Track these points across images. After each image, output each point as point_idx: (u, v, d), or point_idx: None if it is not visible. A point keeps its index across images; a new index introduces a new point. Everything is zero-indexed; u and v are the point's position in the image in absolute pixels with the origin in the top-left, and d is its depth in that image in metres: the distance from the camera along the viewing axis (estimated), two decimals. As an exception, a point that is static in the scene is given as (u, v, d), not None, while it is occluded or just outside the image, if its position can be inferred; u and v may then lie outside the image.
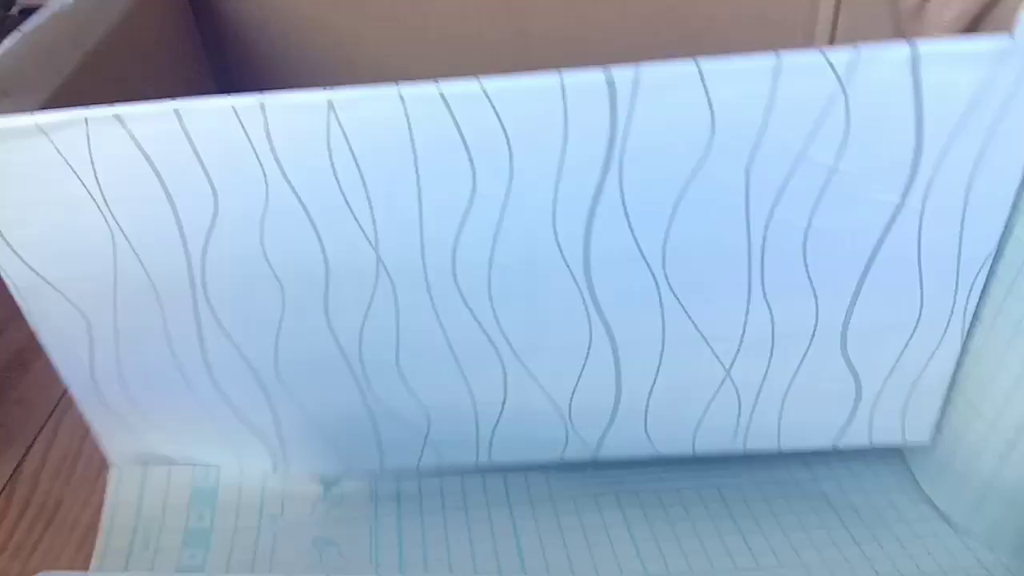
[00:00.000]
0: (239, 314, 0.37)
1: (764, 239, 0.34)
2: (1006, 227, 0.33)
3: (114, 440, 0.42)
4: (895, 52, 0.28)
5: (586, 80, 0.29)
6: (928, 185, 0.32)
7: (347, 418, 0.41)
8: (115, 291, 0.36)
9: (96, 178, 0.32)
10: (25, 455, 0.47)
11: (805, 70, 0.29)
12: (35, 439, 0.48)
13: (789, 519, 0.41)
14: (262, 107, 0.30)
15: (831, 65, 0.28)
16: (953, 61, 0.29)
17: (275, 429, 0.41)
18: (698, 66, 0.29)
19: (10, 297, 0.36)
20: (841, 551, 0.39)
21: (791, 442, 0.42)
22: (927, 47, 0.28)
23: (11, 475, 0.46)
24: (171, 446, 0.43)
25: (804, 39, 0.51)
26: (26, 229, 0.34)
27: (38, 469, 0.46)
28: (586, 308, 0.36)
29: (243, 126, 0.31)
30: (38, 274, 0.35)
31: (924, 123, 0.30)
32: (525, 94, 0.30)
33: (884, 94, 0.29)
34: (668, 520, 0.41)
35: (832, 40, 0.51)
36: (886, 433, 0.41)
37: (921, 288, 0.35)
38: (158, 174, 0.32)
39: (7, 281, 0.35)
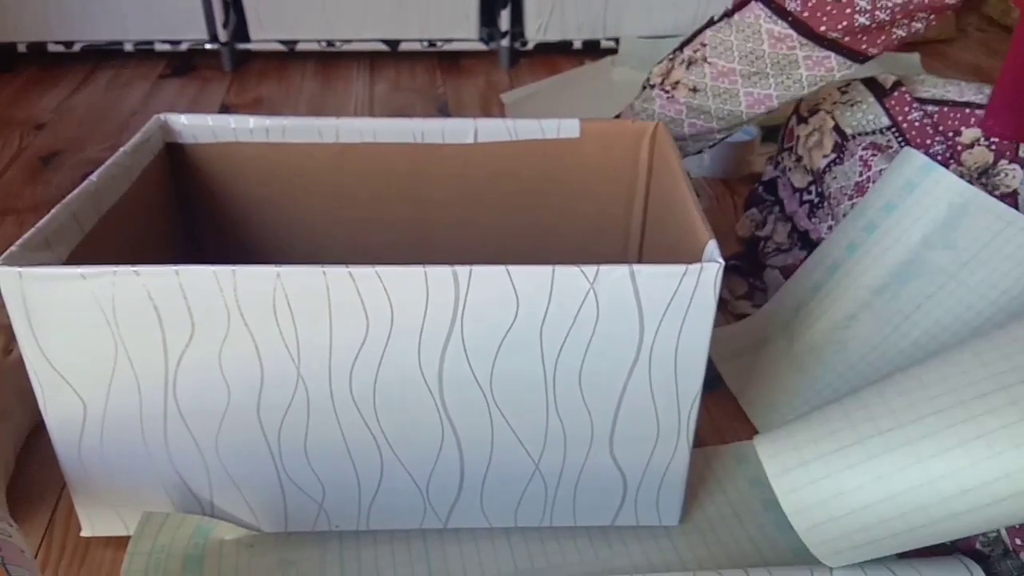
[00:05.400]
0: (196, 408, 0.52)
1: (555, 375, 0.52)
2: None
3: (87, 507, 0.57)
4: (620, 269, 0.48)
5: (440, 272, 0.48)
6: (651, 347, 0.51)
7: (263, 488, 0.56)
8: (110, 386, 0.51)
9: (114, 310, 0.48)
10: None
11: (569, 276, 0.48)
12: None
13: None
14: (233, 273, 0.48)
15: (584, 274, 0.48)
16: (657, 276, 0.48)
17: (209, 495, 0.56)
18: (507, 270, 0.48)
19: (32, 386, 0.51)
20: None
21: (583, 520, 0.59)
22: (639, 267, 0.48)
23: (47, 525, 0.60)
24: (130, 512, 0.57)
25: (621, 246, 0.72)
26: (55, 341, 0.49)
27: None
28: (440, 415, 0.53)
29: (219, 283, 0.48)
30: (57, 371, 0.50)
31: (643, 310, 0.49)
32: (403, 277, 0.48)
33: (617, 293, 0.49)
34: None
35: (640, 252, 0.72)
36: (647, 516, 0.59)
37: (656, 413, 0.54)
38: (157, 309, 0.49)
39: (32, 375, 0.51)
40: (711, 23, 0.74)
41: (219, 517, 0.57)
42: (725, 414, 0.71)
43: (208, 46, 1.55)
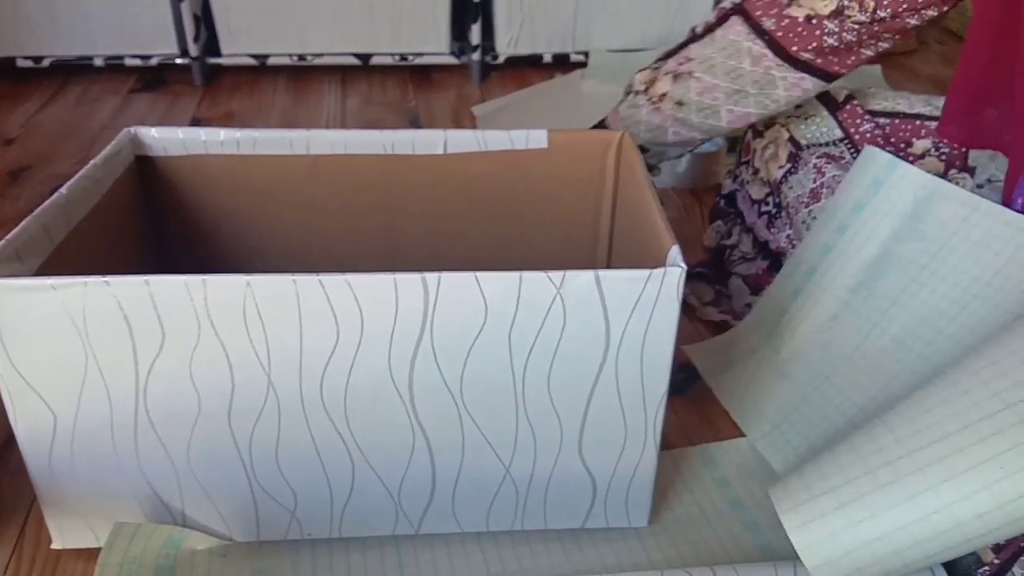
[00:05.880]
0: (166, 417, 0.53)
1: (523, 379, 0.53)
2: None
3: (57, 519, 0.56)
4: (586, 275, 0.49)
5: (409, 279, 0.49)
6: (617, 350, 0.52)
7: (235, 496, 0.56)
8: (80, 396, 0.51)
9: (84, 321, 0.49)
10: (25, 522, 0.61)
11: (536, 282, 0.49)
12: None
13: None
14: (203, 282, 0.48)
15: (551, 280, 0.49)
16: (621, 280, 0.50)
17: (181, 505, 0.56)
18: (475, 276, 0.49)
19: (1, 398, 0.51)
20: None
21: (554, 523, 0.60)
22: (604, 273, 0.49)
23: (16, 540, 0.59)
24: (100, 523, 0.57)
25: (590, 253, 0.74)
26: (25, 352, 0.49)
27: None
28: (410, 421, 0.54)
29: (189, 293, 0.48)
30: (27, 382, 0.50)
31: (609, 314, 0.51)
32: (373, 284, 0.49)
33: (583, 297, 0.50)
34: None
35: (608, 259, 0.73)
36: (617, 518, 0.60)
37: (624, 416, 0.55)
38: (127, 319, 0.49)
39: (2, 386, 0.51)
40: (695, 37, 0.76)
41: (191, 527, 0.58)
42: (692, 417, 0.72)
43: (179, 61, 1.55)
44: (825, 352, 0.67)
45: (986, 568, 0.51)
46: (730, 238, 0.90)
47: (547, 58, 1.63)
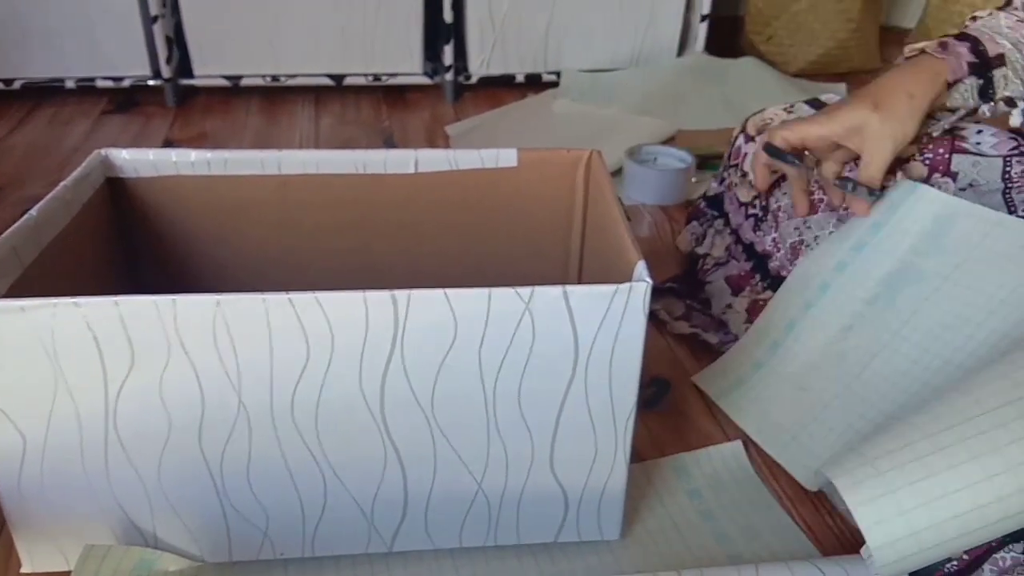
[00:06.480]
0: (136, 438, 0.53)
1: (494, 395, 0.54)
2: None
3: (27, 542, 0.56)
4: (554, 290, 0.50)
5: (379, 296, 0.49)
6: (586, 365, 0.53)
7: (206, 517, 0.56)
8: (50, 418, 0.51)
9: (54, 342, 0.49)
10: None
11: (505, 298, 0.50)
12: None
13: None
14: (173, 302, 0.48)
15: (519, 296, 0.50)
16: (589, 296, 0.50)
17: (152, 526, 0.56)
18: (445, 293, 0.49)
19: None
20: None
21: (527, 537, 0.61)
22: (571, 288, 0.50)
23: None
24: (71, 546, 0.56)
25: (561, 269, 0.75)
26: (-8, 373, 0.49)
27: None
28: (382, 438, 0.54)
29: (159, 313, 0.49)
30: (-6, 405, 0.50)
31: (577, 329, 0.51)
32: (343, 302, 0.49)
33: (551, 313, 0.50)
34: None
35: (580, 275, 0.74)
36: (589, 532, 0.61)
37: (593, 429, 0.56)
38: (96, 340, 0.49)
39: (-33, 409, 0.50)
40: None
41: (162, 548, 0.57)
42: (664, 429, 0.73)
43: (151, 82, 1.55)
44: (841, 362, 0.68)
45: (954, 563, 0.52)
46: (703, 243, 0.91)
47: (519, 78, 1.65)
